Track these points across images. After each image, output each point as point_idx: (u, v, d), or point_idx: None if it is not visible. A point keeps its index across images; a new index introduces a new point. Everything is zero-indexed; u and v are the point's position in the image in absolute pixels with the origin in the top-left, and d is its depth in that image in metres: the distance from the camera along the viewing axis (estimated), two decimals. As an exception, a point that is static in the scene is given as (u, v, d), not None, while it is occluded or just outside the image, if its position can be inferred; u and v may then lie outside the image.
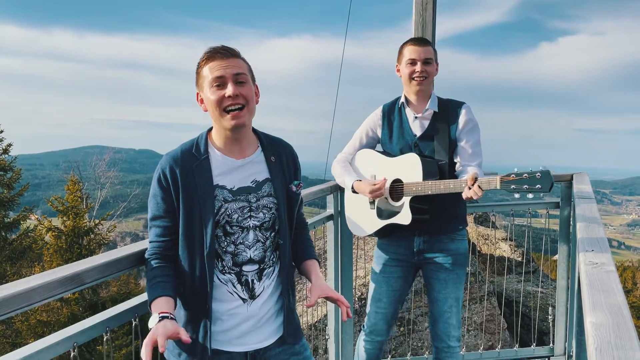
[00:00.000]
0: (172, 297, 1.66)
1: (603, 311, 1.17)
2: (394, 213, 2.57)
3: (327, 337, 3.44)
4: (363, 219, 2.73)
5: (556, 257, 3.73)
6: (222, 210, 1.72)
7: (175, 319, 1.59)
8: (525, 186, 2.20)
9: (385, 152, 2.69)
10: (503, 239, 6.42)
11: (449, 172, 2.54)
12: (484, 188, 2.26)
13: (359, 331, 2.95)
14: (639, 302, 15.24)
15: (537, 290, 5.16)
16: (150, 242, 1.78)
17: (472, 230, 6.89)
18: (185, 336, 1.53)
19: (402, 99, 2.65)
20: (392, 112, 2.67)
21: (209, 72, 1.68)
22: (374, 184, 2.55)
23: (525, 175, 2.20)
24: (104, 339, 1.71)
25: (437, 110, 2.59)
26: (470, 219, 7.26)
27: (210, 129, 1.82)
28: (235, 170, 1.76)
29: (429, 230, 2.59)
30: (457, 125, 2.56)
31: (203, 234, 1.70)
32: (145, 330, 1.80)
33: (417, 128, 2.60)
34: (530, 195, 2.22)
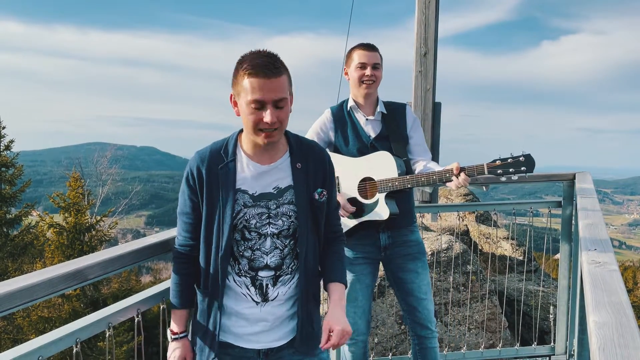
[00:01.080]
0: (188, 308, 1.86)
1: (606, 310, 1.17)
2: (367, 210, 2.61)
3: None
4: None
5: (557, 256, 3.73)
6: (241, 214, 1.73)
7: (186, 336, 1.85)
8: (511, 169, 2.38)
9: (341, 154, 2.70)
10: (504, 238, 6.42)
11: (406, 168, 2.66)
12: (470, 175, 2.42)
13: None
14: (639, 302, 15.24)
15: (538, 289, 5.16)
16: (178, 235, 1.85)
17: (474, 228, 6.89)
18: None
19: (351, 103, 2.71)
20: (342, 116, 2.72)
21: (250, 89, 1.62)
22: (344, 207, 2.59)
23: (510, 159, 2.38)
24: (106, 335, 1.72)
25: (385, 112, 2.70)
26: (471, 218, 7.26)
27: (242, 130, 1.79)
28: (260, 176, 1.76)
29: (392, 225, 2.65)
30: (406, 124, 2.71)
31: (220, 235, 1.73)
32: (146, 327, 1.81)
33: (370, 130, 2.68)
34: (515, 177, 2.41)
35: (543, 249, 3.92)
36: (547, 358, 3.70)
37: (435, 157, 5.03)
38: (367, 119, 2.69)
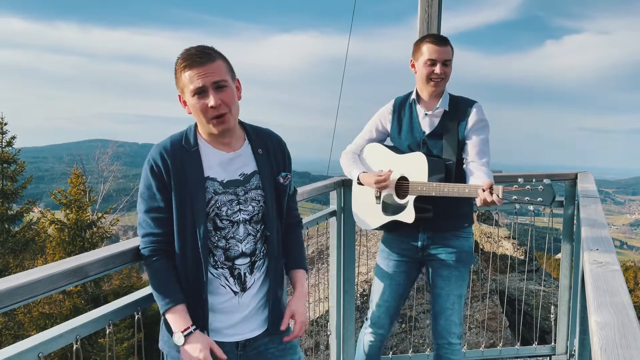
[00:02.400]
0: (184, 302, 1.72)
1: (608, 310, 1.16)
2: (398, 210, 2.57)
3: (328, 333, 3.44)
4: (368, 212, 2.74)
5: (559, 255, 3.72)
6: (212, 202, 1.74)
7: (197, 328, 1.71)
8: (527, 198, 2.20)
9: (394, 148, 2.68)
10: (506, 237, 6.41)
11: (456, 170, 2.52)
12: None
13: (361, 327, 2.96)
14: (640, 302, 15.21)
15: (539, 289, 5.15)
16: (145, 236, 1.75)
17: (475, 228, 6.88)
18: (219, 351, 1.69)
19: (414, 95, 2.62)
20: (403, 107, 2.65)
21: (188, 80, 1.66)
22: (379, 175, 2.56)
23: (528, 187, 2.19)
24: (107, 332, 1.72)
25: (447, 109, 2.56)
26: (474, 217, 7.24)
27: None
28: (225, 163, 1.77)
29: (434, 226, 2.58)
30: (466, 124, 2.53)
31: (195, 226, 1.71)
32: (147, 324, 1.80)
33: (426, 125, 2.58)
34: (531, 207, 2.24)
35: (544, 249, 3.92)
36: (548, 358, 3.69)
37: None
38: (426, 114, 2.57)
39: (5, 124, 15.83)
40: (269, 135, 1.90)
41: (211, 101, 1.65)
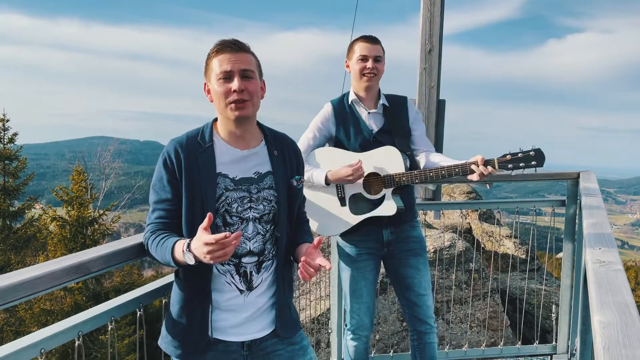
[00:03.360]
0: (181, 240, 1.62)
1: (611, 310, 1.16)
2: (372, 206, 2.59)
3: (329, 330, 3.44)
4: (332, 217, 2.68)
5: (560, 255, 3.72)
6: (223, 198, 1.74)
7: (198, 324, 1.73)
8: (522, 164, 2.36)
9: (345, 149, 2.65)
10: (507, 237, 6.41)
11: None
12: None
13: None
14: (641, 302, 15.21)
15: (540, 288, 5.15)
16: (150, 224, 1.76)
17: (477, 227, 6.88)
18: (222, 235, 1.48)
19: (352, 96, 2.67)
20: (343, 110, 2.68)
21: (218, 65, 1.71)
22: (352, 165, 2.49)
23: (520, 154, 2.36)
24: (109, 328, 1.72)
25: (387, 105, 2.67)
26: (474, 216, 7.25)
27: (216, 120, 1.83)
28: (239, 161, 1.78)
29: (395, 220, 2.63)
30: (408, 117, 2.69)
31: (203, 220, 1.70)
32: (149, 322, 1.81)
33: (372, 123, 2.65)
34: (526, 171, 2.41)
35: (546, 248, 3.91)
36: (549, 357, 3.69)
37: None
38: (369, 113, 2.65)
39: (7, 121, 15.85)
40: (285, 139, 1.92)
41: (235, 84, 1.69)
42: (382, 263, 2.80)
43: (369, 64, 2.57)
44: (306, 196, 2.74)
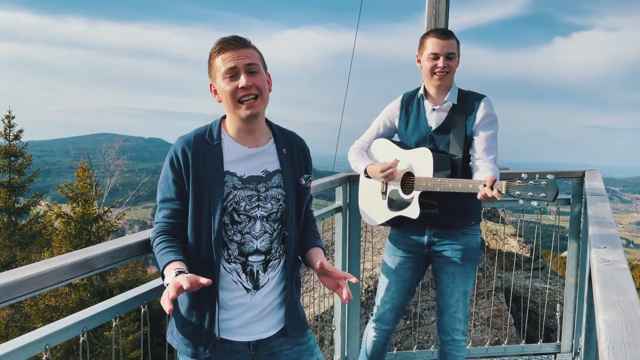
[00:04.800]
0: (185, 262, 1.64)
1: (615, 309, 1.16)
2: (403, 205, 2.56)
3: (333, 328, 3.45)
4: (374, 208, 2.73)
5: (565, 254, 3.71)
6: (231, 196, 1.72)
7: (206, 325, 1.71)
8: (530, 193, 2.17)
9: (401, 143, 2.66)
10: (512, 235, 6.39)
11: (462, 166, 2.49)
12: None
13: (365, 323, 2.96)
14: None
15: (544, 287, 5.14)
16: (157, 223, 1.76)
17: (481, 225, 6.87)
18: (205, 280, 1.51)
19: (422, 90, 2.60)
20: (411, 103, 2.63)
21: (221, 63, 1.69)
22: (385, 164, 2.53)
23: (531, 182, 2.17)
24: (113, 325, 1.72)
25: (455, 103, 2.53)
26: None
27: (224, 117, 1.82)
28: (247, 159, 1.77)
29: (440, 223, 2.56)
30: (474, 119, 2.50)
31: (211, 219, 1.70)
32: (152, 318, 1.81)
33: (433, 120, 2.55)
34: (534, 203, 2.21)
35: (550, 247, 3.90)
36: (553, 356, 3.69)
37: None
38: (433, 109, 2.55)
39: (13, 117, 15.93)
40: (293, 137, 1.91)
41: (242, 81, 1.67)
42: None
43: (440, 62, 2.45)
44: (360, 182, 2.82)
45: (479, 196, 2.25)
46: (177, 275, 1.53)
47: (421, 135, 2.56)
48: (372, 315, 2.84)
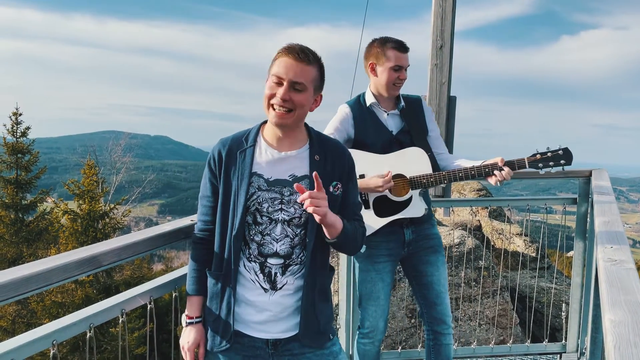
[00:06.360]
0: (205, 295, 1.87)
1: (622, 309, 1.15)
2: (399, 207, 2.56)
3: (337, 326, 3.45)
4: (365, 218, 2.65)
5: (571, 253, 3.70)
6: (255, 197, 1.77)
7: (201, 322, 1.86)
8: (551, 162, 2.47)
9: (367, 150, 2.62)
10: (517, 234, 6.38)
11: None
12: (512, 168, 2.46)
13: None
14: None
15: (550, 286, 5.12)
16: (198, 220, 1.91)
17: (487, 224, 6.85)
18: (202, 348, 1.85)
19: (371, 99, 2.62)
20: (362, 112, 2.64)
21: (277, 66, 1.75)
22: (382, 176, 2.49)
23: (549, 153, 2.47)
24: (120, 321, 1.74)
25: (404, 106, 2.65)
26: (484, 213, 7.21)
27: (265, 121, 1.87)
28: (276, 162, 1.81)
29: (416, 220, 2.63)
30: (424, 117, 2.69)
31: (234, 215, 1.77)
32: (158, 314, 1.82)
33: (392, 125, 2.63)
34: (554, 170, 2.50)
35: (556, 246, 3.89)
36: (559, 356, 3.68)
37: (449, 152, 5.06)
38: (387, 114, 2.63)
39: (20, 114, 16.01)
40: (332, 145, 1.90)
41: (280, 92, 1.72)
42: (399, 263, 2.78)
43: (402, 74, 2.56)
44: None
45: (492, 180, 2.47)
46: (186, 325, 1.86)
47: (385, 140, 2.60)
48: (359, 328, 2.77)
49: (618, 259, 1.53)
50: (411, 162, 2.55)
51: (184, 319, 1.86)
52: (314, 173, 1.69)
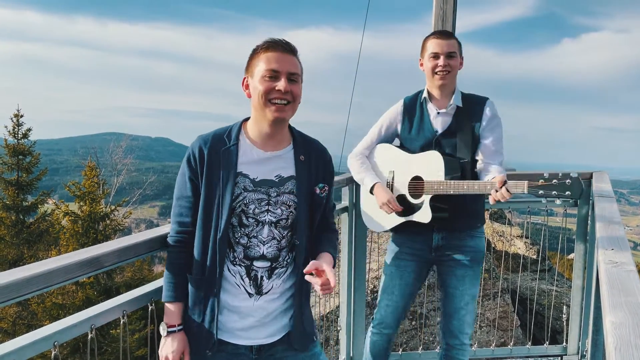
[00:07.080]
0: (183, 302, 1.79)
1: (623, 311, 1.15)
2: (412, 210, 2.54)
3: (338, 328, 3.45)
4: (380, 214, 2.69)
5: (571, 256, 3.69)
6: (240, 198, 1.72)
7: (182, 329, 1.78)
8: (554, 192, 2.16)
9: (404, 148, 2.63)
10: (518, 237, 6.37)
11: (470, 170, 2.49)
12: (511, 192, 2.23)
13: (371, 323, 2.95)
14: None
15: (551, 289, 5.12)
16: (174, 223, 1.79)
17: (487, 226, 6.84)
18: (187, 357, 1.77)
19: (425, 94, 2.58)
20: (414, 107, 2.60)
21: (266, 62, 1.70)
22: (391, 203, 2.52)
23: (555, 181, 2.15)
24: (121, 322, 1.74)
25: (460, 106, 2.52)
26: (485, 215, 7.20)
27: (246, 119, 1.82)
28: (261, 162, 1.76)
29: (448, 226, 2.55)
30: (480, 122, 2.50)
31: (219, 217, 1.71)
32: (159, 315, 1.82)
33: (438, 124, 2.54)
34: (558, 202, 2.20)
35: (557, 249, 3.89)
36: (559, 358, 3.67)
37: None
38: (438, 112, 2.54)
39: (22, 116, 16.02)
40: (314, 145, 1.89)
41: (281, 84, 1.68)
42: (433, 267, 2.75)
43: (441, 61, 2.45)
44: (363, 189, 2.78)
45: (490, 200, 2.28)
46: (166, 335, 1.76)
47: (427, 139, 2.53)
48: (373, 318, 2.82)
49: (619, 261, 1.53)
50: (427, 166, 2.47)
51: (162, 328, 1.77)
52: (315, 268, 1.67)
